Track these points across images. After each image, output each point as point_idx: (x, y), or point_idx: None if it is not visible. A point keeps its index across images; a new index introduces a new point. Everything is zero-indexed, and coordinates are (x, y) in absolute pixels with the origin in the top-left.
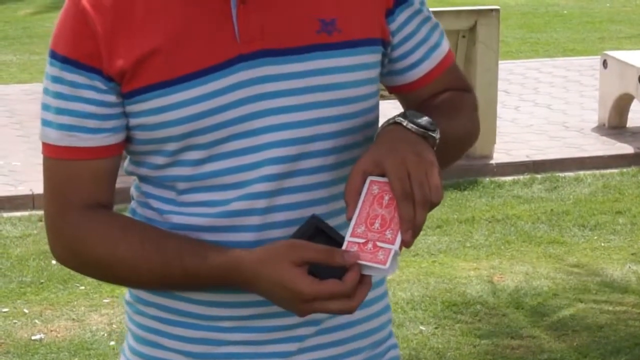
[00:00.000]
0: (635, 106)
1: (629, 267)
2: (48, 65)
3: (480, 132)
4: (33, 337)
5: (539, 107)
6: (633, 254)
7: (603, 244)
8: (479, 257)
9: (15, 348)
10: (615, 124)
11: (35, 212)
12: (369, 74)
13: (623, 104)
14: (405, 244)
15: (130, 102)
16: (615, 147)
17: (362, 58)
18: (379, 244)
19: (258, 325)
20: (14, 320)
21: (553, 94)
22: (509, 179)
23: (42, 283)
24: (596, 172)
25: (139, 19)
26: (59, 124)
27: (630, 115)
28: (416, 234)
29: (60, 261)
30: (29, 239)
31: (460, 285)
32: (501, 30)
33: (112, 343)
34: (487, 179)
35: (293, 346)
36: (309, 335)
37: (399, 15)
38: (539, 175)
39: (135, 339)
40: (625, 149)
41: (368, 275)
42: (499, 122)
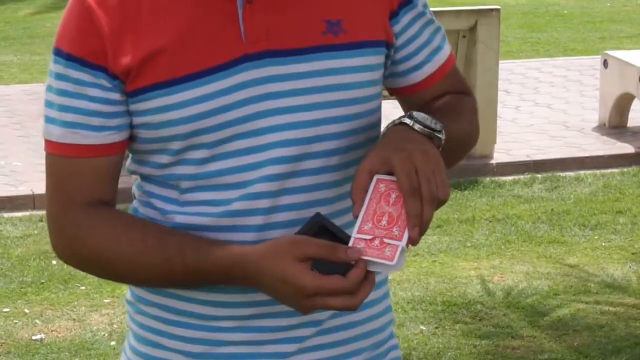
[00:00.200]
0: (636, 106)
1: (630, 267)
2: (52, 63)
3: (481, 132)
4: (34, 338)
5: (539, 107)
6: (634, 254)
7: (604, 244)
8: (479, 257)
9: (16, 348)
10: (616, 123)
11: (36, 213)
12: (373, 75)
13: (624, 104)
14: (413, 240)
15: (135, 101)
16: (616, 147)
17: (368, 59)
18: (386, 240)
19: (258, 325)
20: (15, 321)
21: (554, 93)
22: (510, 178)
23: (43, 283)
24: (597, 172)
25: (145, 18)
26: (62, 122)
27: (631, 115)
28: (423, 231)
29: (63, 259)
30: (30, 240)
31: (461, 285)
32: (502, 30)
33: (113, 343)
34: (488, 179)
35: (293, 347)
36: (310, 335)
37: (403, 18)
38: (539, 175)
39: (136, 339)
40: (626, 148)
41: (372, 273)
42: (499, 122)
